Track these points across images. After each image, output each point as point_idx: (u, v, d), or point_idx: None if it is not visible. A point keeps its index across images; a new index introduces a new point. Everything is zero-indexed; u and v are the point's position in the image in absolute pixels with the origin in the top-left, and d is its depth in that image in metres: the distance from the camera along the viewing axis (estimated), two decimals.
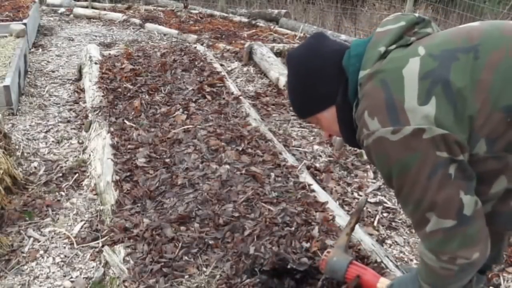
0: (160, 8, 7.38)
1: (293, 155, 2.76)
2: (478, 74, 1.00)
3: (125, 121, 2.94)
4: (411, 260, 2.05)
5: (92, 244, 2.04)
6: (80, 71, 4.10)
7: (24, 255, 1.99)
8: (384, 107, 1.02)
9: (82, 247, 2.04)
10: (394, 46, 1.10)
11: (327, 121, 1.26)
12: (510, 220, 1.17)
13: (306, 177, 2.37)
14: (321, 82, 1.20)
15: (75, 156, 2.80)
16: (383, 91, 1.04)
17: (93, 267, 1.92)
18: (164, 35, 5.85)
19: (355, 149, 2.79)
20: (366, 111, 1.06)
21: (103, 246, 1.97)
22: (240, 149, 2.58)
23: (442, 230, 1.05)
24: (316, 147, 2.97)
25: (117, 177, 2.33)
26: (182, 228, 1.95)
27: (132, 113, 3.05)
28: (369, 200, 2.43)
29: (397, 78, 1.03)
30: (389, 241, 2.15)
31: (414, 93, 1.01)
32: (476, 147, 1.02)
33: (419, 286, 1.23)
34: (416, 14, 1.18)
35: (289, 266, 1.69)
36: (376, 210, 2.34)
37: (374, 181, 2.60)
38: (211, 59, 4.22)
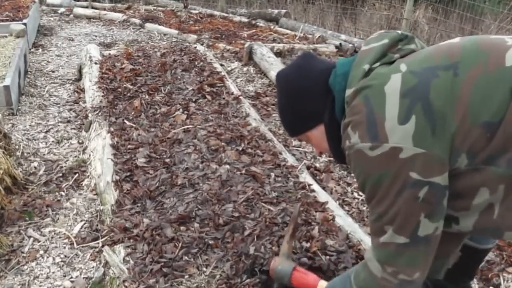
0: (160, 8, 7.38)
1: (293, 155, 2.76)
2: (458, 92, 1.02)
3: (125, 121, 2.94)
4: None
5: (92, 244, 2.04)
6: (80, 71, 4.10)
7: (24, 255, 1.99)
8: (365, 122, 1.06)
9: (82, 247, 2.04)
10: (378, 63, 1.13)
11: (317, 139, 1.30)
12: (495, 233, 1.17)
13: (306, 177, 2.38)
14: (309, 102, 1.25)
15: (75, 156, 2.80)
16: (365, 107, 1.07)
17: (93, 267, 1.92)
18: (164, 35, 5.85)
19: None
20: (350, 124, 1.10)
21: (103, 246, 1.97)
22: (240, 149, 2.58)
23: (394, 244, 1.10)
24: None
25: (117, 177, 2.33)
26: (182, 228, 1.95)
27: (132, 113, 3.05)
28: None
29: (379, 94, 1.06)
30: None
31: (395, 111, 1.03)
32: (457, 162, 1.04)
33: None
34: (399, 31, 1.20)
35: None
36: None
37: None
38: (211, 59, 4.22)
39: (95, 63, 3.94)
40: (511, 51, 1.03)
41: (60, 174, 2.58)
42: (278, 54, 4.68)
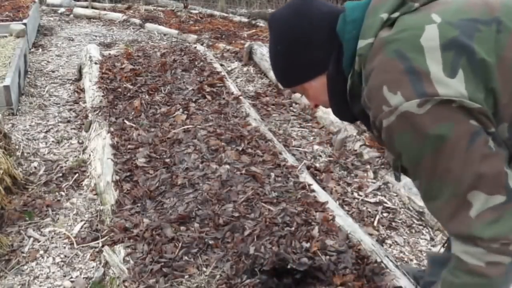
0: (160, 8, 7.38)
1: (293, 155, 2.76)
2: (501, 50, 0.93)
3: (125, 121, 2.94)
4: (411, 260, 2.05)
5: (92, 244, 2.04)
6: (80, 71, 4.10)
7: (24, 255, 1.99)
8: (407, 79, 0.91)
9: (82, 247, 2.04)
10: (397, 13, 0.99)
11: (315, 90, 1.15)
12: None
13: (306, 177, 2.38)
14: (311, 48, 1.09)
15: (75, 156, 2.80)
16: (401, 62, 0.92)
17: (93, 267, 1.92)
18: (164, 35, 5.85)
19: (354, 149, 2.79)
20: (384, 86, 0.93)
21: (103, 246, 1.97)
22: (240, 149, 2.58)
23: (491, 210, 0.91)
24: (316, 147, 2.97)
25: (117, 177, 2.33)
26: (182, 228, 1.95)
27: (132, 113, 3.05)
28: (369, 200, 2.43)
29: (415, 48, 0.92)
30: (389, 241, 2.15)
31: (438, 65, 0.90)
32: (498, 129, 0.94)
33: None
34: None
35: (289, 266, 1.69)
36: (376, 210, 2.34)
37: (374, 181, 2.60)
38: (211, 59, 4.22)
39: (95, 63, 3.94)
40: None
41: (60, 174, 2.58)
42: None
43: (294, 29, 1.09)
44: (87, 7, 7.24)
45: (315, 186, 2.31)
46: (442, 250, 1.77)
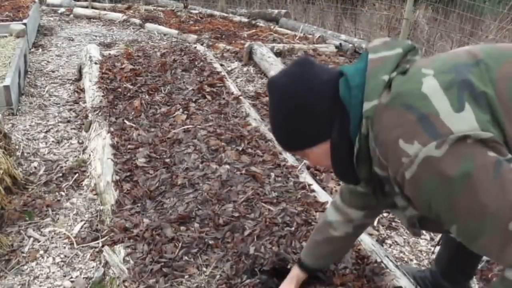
0: (160, 8, 7.38)
1: (293, 155, 2.76)
2: (495, 83, 0.97)
3: (125, 121, 2.94)
4: (411, 260, 2.05)
5: (92, 244, 2.04)
6: (80, 71, 4.10)
7: (24, 255, 1.99)
8: (420, 126, 0.92)
9: (82, 247, 2.04)
10: (394, 73, 1.04)
11: (316, 156, 1.17)
12: None
13: (306, 177, 2.38)
14: (313, 118, 1.10)
15: (75, 156, 2.80)
16: (410, 113, 0.94)
17: (93, 267, 1.92)
18: (164, 35, 5.85)
19: None
20: (400, 139, 0.95)
21: (103, 246, 1.97)
22: (240, 149, 2.58)
23: None
24: None
25: (117, 177, 2.33)
26: (182, 228, 1.95)
27: (132, 113, 3.05)
28: None
29: (419, 97, 0.95)
30: (389, 241, 2.15)
31: (445, 103, 0.93)
32: None
33: None
34: (409, 41, 1.13)
35: (289, 266, 1.69)
36: None
37: None
38: (211, 59, 4.22)
39: (95, 63, 3.94)
40: None
41: (60, 174, 2.58)
42: (278, 54, 4.68)
43: (295, 98, 1.10)
44: (87, 7, 7.24)
45: (315, 186, 2.31)
46: (438, 248, 1.77)
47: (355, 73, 1.07)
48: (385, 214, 2.33)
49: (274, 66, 4.12)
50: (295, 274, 1.58)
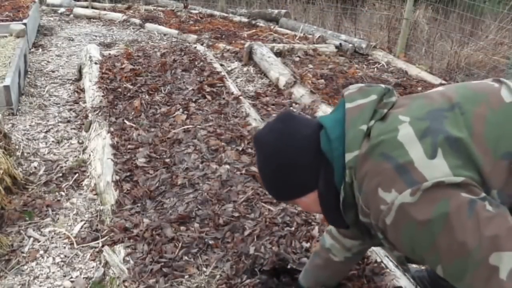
0: (160, 8, 7.38)
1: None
2: (471, 127, 1.01)
3: (125, 121, 2.94)
4: None
5: (92, 244, 2.04)
6: (80, 71, 4.10)
7: (24, 255, 1.99)
8: (396, 175, 0.97)
9: (82, 247, 2.04)
10: (373, 121, 1.06)
11: (307, 204, 1.21)
12: None
13: None
14: (298, 171, 1.14)
15: (75, 156, 2.80)
16: (387, 162, 0.99)
17: (93, 267, 1.92)
18: (164, 35, 5.85)
19: None
20: (379, 188, 0.99)
21: (103, 246, 1.97)
22: (240, 149, 2.58)
23: None
24: None
25: (117, 177, 2.33)
26: (182, 228, 1.95)
27: (132, 113, 3.05)
28: None
29: (395, 145, 0.99)
30: None
31: (420, 151, 0.97)
32: (490, 196, 0.99)
33: None
34: (382, 85, 1.15)
35: (289, 266, 1.69)
36: None
37: None
38: (211, 59, 4.22)
39: (95, 63, 3.94)
40: (504, 90, 1.08)
41: (60, 174, 2.58)
42: (278, 54, 4.68)
43: (280, 154, 1.14)
44: (87, 7, 7.24)
45: None
46: None
47: (334, 125, 1.11)
48: None
49: (274, 66, 4.12)
50: None
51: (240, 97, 3.37)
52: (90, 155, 2.74)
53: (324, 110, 3.31)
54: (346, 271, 1.63)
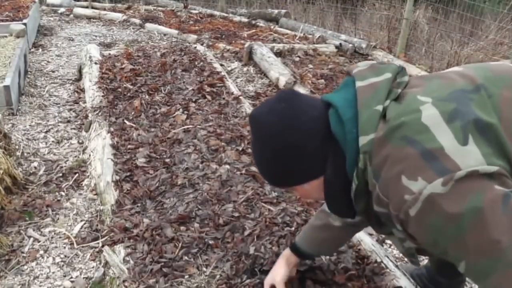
0: (160, 8, 7.38)
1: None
2: (499, 112, 0.93)
3: (125, 121, 2.94)
4: None
5: (92, 244, 2.04)
6: (80, 71, 4.11)
7: (24, 255, 1.99)
8: (423, 162, 0.87)
9: (82, 247, 2.04)
10: (388, 101, 0.97)
11: (306, 191, 1.12)
12: None
13: None
14: (303, 158, 1.03)
15: (75, 156, 2.80)
16: (411, 147, 0.89)
17: (93, 267, 1.92)
18: (164, 35, 5.85)
19: None
20: (402, 176, 0.89)
21: (103, 246, 1.97)
22: (240, 149, 2.58)
23: None
24: None
25: (117, 177, 2.33)
26: (182, 228, 1.95)
27: (132, 113, 3.05)
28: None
29: (420, 129, 0.90)
30: (389, 241, 2.14)
31: (449, 136, 0.88)
32: None
33: None
34: (397, 63, 1.06)
35: None
36: None
37: None
38: (211, 59, 4.22)
39: (95, 63, 3.94)
40: None
41: (60, 174, 2.58)
42: (278, 54, 4.68)
43: (283, 138, 1.02)
44: (87, 7, 7.24)
45: None
46: None
47: (346, 104, 1.00)
48: None
49: (274, 66, 4.13)
50: (286, 256, 1.53)
51: (240, 97, 3.37)
52: (90, 155, 2.74)
53: None
54: (343, 240, 1.53)
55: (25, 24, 4.76)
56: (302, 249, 1.51)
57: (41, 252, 2.01)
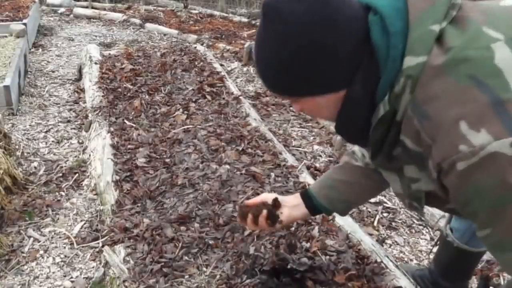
0: (160, 8, 7.38)
1: (293, 155, 2.76)
2: None
3: (125, 121, 2.94)
4: (411, 260, 2.05)
5: (92, 244, 2.04)
6: (80, 71, 4.11)
7: (24, 255, 1.99)
8: (493, 112, 0.73)
9: (82, 247, 2.04)
10: (445, 23, 0.81)
11: (317, 106, 0.93)
12: None
13: (306, 177, 2.37)
14: (331, 62, 0.84)
15: (75, 156, 2.80)
16: (481, 91, 0.74)
17: (93, 267, 1.92)
18: (164, 35, 5.85)
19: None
20: (462, 121, 0.75)
21: (103, 246, 1.97)
22: (240, 149, 2.58)
23: None
24: (316, 147, 2.97)
25: (117, 177, 2.33)
26: (182, 228, 1.95)
27: (132, 113, 3.05)
28: (369, 200, 2.43)
29: (493, 72, 0.75)
30: (389, 241, 2.15)
31: None
32: None
33: None
34: None
35: (289, 266, 1.69)
36: (376, 210, 2.34)
37: None
38: (211, 59, 4.22)
39: (95, 63, 3.94)
40: None
41: (60, 174, 2.58)
42: None
43: (312, 34, 0.82)
44: (87, 7, 7.24)
45: None
46: (436, 248, 1.77)
47: (393, 14, 0.83)
48: (385, 214, 2.33)
49: None
50: (293, 202, 1.38)
51: (240, 97, 3.37)
52: (90, 155, 2.74)
53: None
54: (362, 188, 1.31)
55: (25, 24, 4.76)
56: (314, 193, 1.34)
57: (41, 252, 2.01)
